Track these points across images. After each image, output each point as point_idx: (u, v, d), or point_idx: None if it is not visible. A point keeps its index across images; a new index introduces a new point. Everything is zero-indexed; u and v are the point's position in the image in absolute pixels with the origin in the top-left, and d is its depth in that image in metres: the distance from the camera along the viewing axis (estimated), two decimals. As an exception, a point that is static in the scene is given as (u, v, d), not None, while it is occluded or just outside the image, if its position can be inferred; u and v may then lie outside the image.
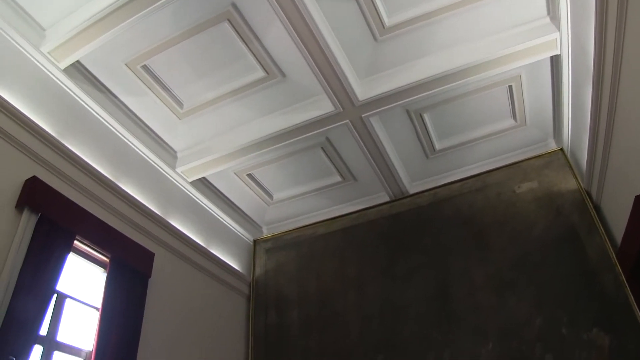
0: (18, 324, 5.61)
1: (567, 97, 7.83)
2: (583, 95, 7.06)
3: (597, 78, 6.23)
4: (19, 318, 5.74)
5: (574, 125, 8.02)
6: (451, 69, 7.55)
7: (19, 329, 5.64)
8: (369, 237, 10.00)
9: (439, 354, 8.42)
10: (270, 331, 10.02)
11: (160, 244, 8.31)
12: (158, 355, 7.70)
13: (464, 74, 7.62)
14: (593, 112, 6.74)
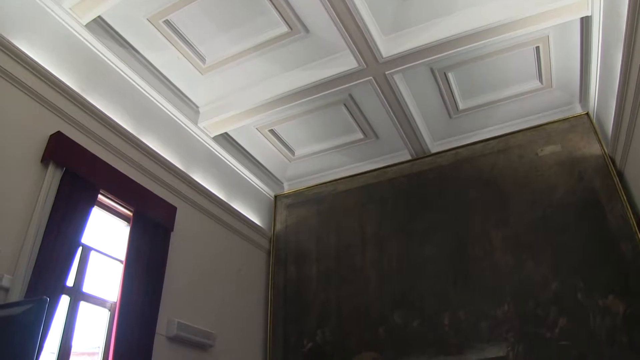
0: (46, 275, 5.81)
1: (595, 60, 7.62)
2: (613, 59, 6.87)
3: (628, 41, 6.04)
4: (46, 269, 5.94)
5: (602, 89, 7.83)
6: (478, 28, 7.39)
7: (47, 280, 5.84)
8: (389, 194, 10.03)
9: (455, 313, 8.53)
10: (290, 285, 10.22)
11: (182, 198, 8.44)
12: (180, 306, 7.92)
13: (491, 32, 7.45)
14: (622, 76, 6.55)
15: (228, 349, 8.67)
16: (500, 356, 7.96)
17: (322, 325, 9.67)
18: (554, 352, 7.63)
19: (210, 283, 8.72)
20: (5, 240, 5.50)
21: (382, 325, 9.15)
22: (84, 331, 6.86)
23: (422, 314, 8.84)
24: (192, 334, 7.95)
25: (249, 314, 9.69)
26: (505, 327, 8.05)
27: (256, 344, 9.75)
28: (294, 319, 9.92)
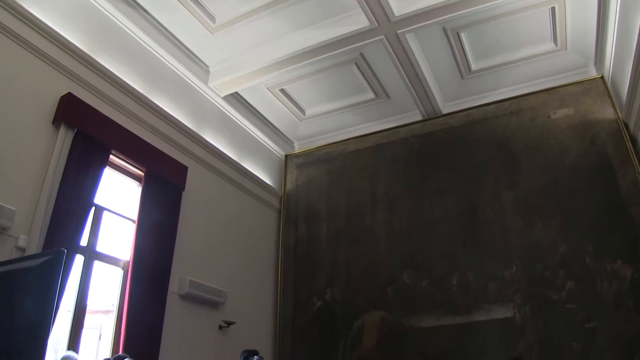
0: (60, 235, 5.91)
1: (613, 23, 7.44)
2: (631, 21, 6.71)
3: (649, 3, 5.91)
4: (61, 229, 6.04)
5: (618, 52, 7.68)
6: (492, -14, 7.26)
7: (61, 239, 5.93)
8: (400, 155, 10.02)
9: (464, 274, 8.62)
10: (300, 244, 10.33)
11: (193, 157, 8.48)
12: (192, 264, 8.04)
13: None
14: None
15: (239, 306, 8.83)
16: (508, 317, 8.07)
17: (332, 284, 9.80)
18: (560, 315, 7.72)
19: (222, 242, 8.83)
20: (20, 201, 5.58)
21: (391, 285, 9.26)
22: (99, 290, 7.00)
23: (431, 274, 8.94)
24: (204, 292, 8.09)
25: (259, 273, 9.83)
26: (513, 288, 8.14)
27: (267, 302, 9.92)
28: (304, 277, 10.05)
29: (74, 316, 6.45)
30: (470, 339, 8.26)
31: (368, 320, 9.32)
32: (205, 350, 7.82)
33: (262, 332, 9.60)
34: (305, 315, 9.83)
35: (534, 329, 7.85)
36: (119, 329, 6.88)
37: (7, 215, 5.32)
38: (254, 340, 8.87)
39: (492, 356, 8.01)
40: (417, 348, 8.44)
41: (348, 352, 9.29)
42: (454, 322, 8.49)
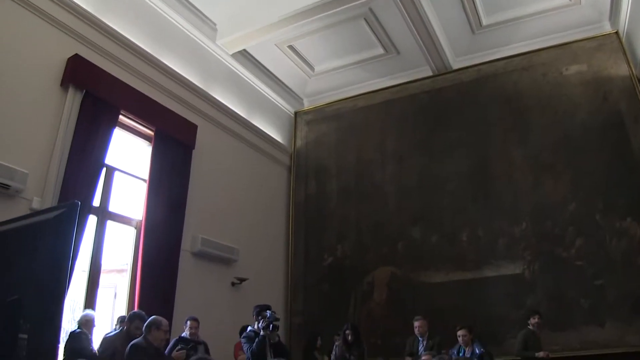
0: (73, 196, 5.95)
1: (629, -25, 7.26)
2: (650, -26, 6.53)
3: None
4: (73, 190, 6.10)
5: (634, 7, 7.48)
6: None
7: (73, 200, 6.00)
8: (410, 111, 9.95)
9: (473, 229, 8.67)
10: (310, 200, 10.39)
11: (203, 116, 8.47)
12: (204, 222, 8.13)
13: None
14: (659, -6, 6.26)
15: (251, 263, 8.95)
16: (516, 273, 8.16)
17: (342, 241, 9.90)
18: (569, 271, 7.79)
19: (233, 199, 8.89)
20: (32, 164, 5.64)
21: (400, 240, 9.35)
22: (113, 249, 7.10)
23: (440, 230, 9.00)
24: (216, 249, 8.21)
25: (271, 230, 9.92)
26: (522, 245, 8.21)
27: (278, 258, 10.05)
28: (315, 234, 10.15)
29: (89, 276, 6.57)
30: (480, 294, 8.37)
31: (378, 276, 9.45)
32: (218, 307, 7.96)
33: (274, 288, 9.75)
34: (316, 271, 9.97)
35: (543, 286, 7.95)
36: (134, 288, 7.01)
37: (20, 178, 5.39)
38: (266, 296, 9.00)
39: (501, 311, 8.12)
40: (426, 303, 8.52)
41: (359, 307, 9.45)
42: (463, 278, 8.59)
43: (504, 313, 8.12)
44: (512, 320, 7.99)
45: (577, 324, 7.62)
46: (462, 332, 6.92)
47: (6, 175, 5.27)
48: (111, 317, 7.01)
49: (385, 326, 9.03)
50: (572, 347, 7.57)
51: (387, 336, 8.91)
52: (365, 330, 9.04)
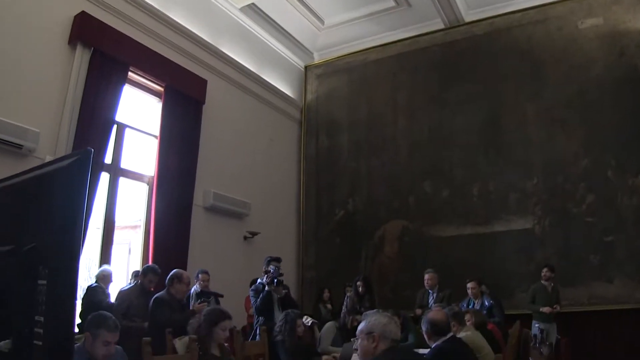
0: (84, 155, 6.01)
1: None
2: None
3: None
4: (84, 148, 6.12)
5: (654, -43, 7.24)
6: None
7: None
8: (422, 64, 9.80)
9: (485, 184, 8.66)
10: (321, 154, 10.39)
11: (212, 71, 8.41)
12: (215, 177, 8.19)
13: None
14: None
15: (263, 217, 9.04)
16: (527, 228, 8.18)
17: (353, 194, 9.93)
18: (579, 227, 7.80)
19: (244, 154, 8.91)
20: (43, 123, 5.67)
21: (411, 194, 9.37)
22: (126, 206, 7.18)
23: (451, 184, 9.00)
24: (228, 204, 8.29)
25: (282, 184, 9.98)
26: (533, 200, 8.20)
27: (290, 212, 10.14)
28: (326, 188, 10.18)
29: (104, 233, 6.69)
30: (490, 248, 8.43)
31: (389, 230, 9.52)
32: (230, 260, 8.08)
33: (286, 242, 9.87)
34: (327, 225, 10.05)
35: (553, 241, 7.97)
36: (147, 243, 7.14)
37: (32, 137, 5.44)
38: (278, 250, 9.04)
39: (511, 266, 8.19)
40: (437, 256, 8.60)
41: (370, 261, 9.56)
42: (473, 232, 8.63)
43: (513, 268, 8.18)
44: (521, 274, 8.07)
45: (586, 279, 7.68)
46: (471, 285, 7.02)
47: (18, 134, 5.33)
48: (126, 273, 7.15)
49: (396, 279, 9.15)
50: (580, 302, 7.66)
51: (398, 289, 9.03)
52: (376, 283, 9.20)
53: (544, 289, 7.25)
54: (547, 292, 7.23)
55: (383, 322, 2.69)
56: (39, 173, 1.20)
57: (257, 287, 6.06)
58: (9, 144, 5.27)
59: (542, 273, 7.27)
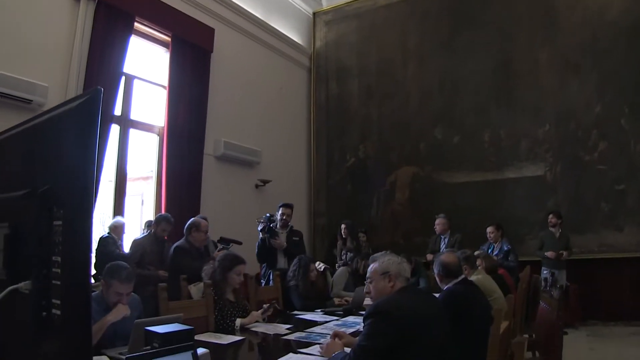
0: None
1: None
2: None
3: None
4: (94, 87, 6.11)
5: None
6: None
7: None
8: (432, 9, 9.58)
9: (495, 131, 8.60)
10: (332, 101, 10.32)
11: (219, 19, 8.27)
12: (226, 126, 8.18)
13: None
14: None
15: (274, 165, 9.08)
16: (538, 175, 8.17)
17: (364, 141, 9.92)
18: (591, 175, 7.78)
19: (254, 102, 8.86)
20: (51, 77, 5.66)
21: (422, 140, 9.34)
22: (137, 157, 7.22)
23: (462, 130, 8.95)
24: (239, 152, 8.31)
25: (292, 132, 9.96)
26: (545, 147, 8.16)
27: (300, 160, 10.16)
28: (337, 135, 10.16)
29: (116, 185, 6.75)
30: (500, 195, 8.46)
31: (400, 176, 9.54)
32: (242, 208, 8.15)
33: (297, 189, 9.92)
34: (338, 172, 10.09)
35: (564, 188, 7.97)
36: (160, 194, 7.20)
37: (41, 91, 5.44)
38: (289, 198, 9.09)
39: (521, 213, 8.23)
40: (448, 202, 8.65)
41: (381, 207, 9.63)
42: (484, 179, 8.64)
43: (524, 214, 8.23)
44: (532, 221, 8.12)
45: (596, 227, 7.72)
46: (490, 229, 7.15)
47: (27, 89, 5.34)
48: (139, 224, 7.22)
49: (407, 226, 9.23)
50: (590, 250, 7.74)
51: (409, 235, 9.15)
52: (388, 230, 9.30)
53: (552, 236, 7.31)
54: (554, 238, 7.29)
55: (397, 261, 2.73)
56: (50, 115, 1.21)
57: None
58: (18, 99, 5.28)
59: (549, 219, 7.33)
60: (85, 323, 1.07)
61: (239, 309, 4.04)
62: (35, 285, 1.11)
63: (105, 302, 3.15)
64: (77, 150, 1.08)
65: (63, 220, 1.08)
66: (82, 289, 1.08)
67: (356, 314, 4.56)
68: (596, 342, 6.68)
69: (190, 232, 5.32)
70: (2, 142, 1.37)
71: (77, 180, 1.07)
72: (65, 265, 1.08)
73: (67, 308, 1.06)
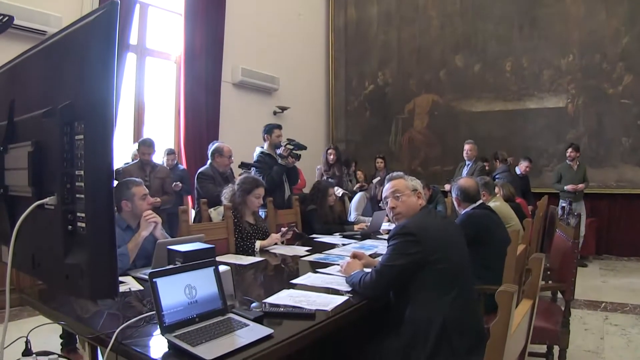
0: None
1: None
2: None
3: None
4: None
5: None
6: None
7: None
8: None
9: (518, 60, 8.41)
10: (350, 27, 10.08)
11: (235, -59, 8.01)
12: (243, 53, 8.09)
13: None
14: None
15: (292, 92, 9.01)
16: (559, 107, 8.04)
17: (383, 68, 9.77)
18: (614, 109, 7.63)
19: (271, 28, 8.68)
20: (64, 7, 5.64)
21: (442, 68, 9.18)
22: (155, 86, 7.19)
23: (483, 58, 8.76)
24: (257, 79, 8.26)
25: (310, 58, 9.81)
26: (568, 78, 7.97)
27: (319, 86, 10.06)
28: (355, 61, 10.00)
29: (135, 114, 6.78)
30: (520, 125, 8.38)
31: (419, 103, 9.46)
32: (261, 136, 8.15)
33: (316, 116, 9.90)
34: (357, 98, 10.01)
35: (585, 121, 7.86)
36: (178, 122, 7.24)
37: (55, 22, 5.43)
38: (308, 124, 9.20)
39: (540, 144, 8.18)
40: (467, 131, 8.59)
41: (399, 135, 9.60)
42: (504, 108, 8.54)
43: (543, 146, 8.18)
44: (550, 153, 8.08)
45: (615, 162, 7.67)
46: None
47: (41, 21, 5.34)
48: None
49: (425, 154, 9.23)
50: (608, 185, 7.72)
51: (427, 164, 9.18)
52: (406, 157, 9.31)
53: (570, 169, 7.30)
54: (572, 171, 7.28)
55: (419, 181, 2.79)
56: (68, 31, 1.23)
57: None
58: (32, 31, 5.28)
59: (567, 153, 7.29)
60: (109, 233, 1.12)
61: (259, 232, 4.11)
62: (60, 200, 1.16)
63: (125, 222, 3.22)
64: (96, 63, 1.09)
65: (85, 134, 1.10)
66: (106, 200, 1.12)
67: (374, 238, 4.62)
68: (609, 276, 6.79)
69: (214, 158, 5.37)
70: (21, 64, 1.39)
71: (97, 93, 1.09)
72: (88, 179, 1.11)
73: (92, 220, 1.11)
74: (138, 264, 3.12)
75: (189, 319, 1.87)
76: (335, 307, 2.25)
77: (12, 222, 1.30)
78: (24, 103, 1.35)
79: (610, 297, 5.58)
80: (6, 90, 1.45)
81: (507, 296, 1.44)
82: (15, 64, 1.40)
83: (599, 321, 4.77)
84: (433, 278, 2.31)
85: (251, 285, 2.96)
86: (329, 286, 2.64)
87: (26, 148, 1.26)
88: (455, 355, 2.22)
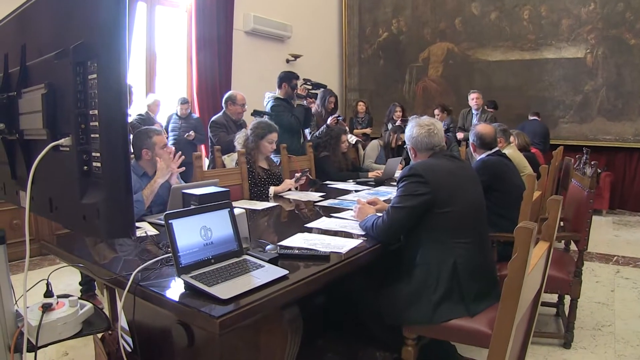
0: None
1: None
2: None
3: None
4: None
5: None
6: None
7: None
8: None
9: (536, 8, 8.19)
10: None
11: None
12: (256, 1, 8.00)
13: None
14: None
15: (305, 40, 8.89)
16: (578, 57, 7.85)
17: (397, 15, 9.58)
18: (635, 60, 7.44)
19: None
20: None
21: (458, 15, 8.99)
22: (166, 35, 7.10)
23: (501, 6, 8.54)
24: (269, 27, 8.15)
25: (323, 5, 9.64)
26: (588, 27, 7.76)
27: (332, 34, 9.91)
28: (369, 8, 9.81)
29: (147, 64, 6.72)
30: (537, 75, 8.23)
31: (434, 52, 9.32)
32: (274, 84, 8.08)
33: (329, 64, 9.79)
34: (371, 46, 9.87)
35: (604, 73, 7.68)
36: (191, 71, 7.18)
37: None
38: (321, 72, 9.09)
39: (558, 94, 8.04)
40: (483, 80, 8.49)
41: (414, 83, 9.49)
42: (521, 58, 8.38)
43: (560, 97, 8.05)
44: (567, 104, 7.96)
45: (634, 115, 7.53)
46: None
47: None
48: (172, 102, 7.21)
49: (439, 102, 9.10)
50: (624, 139, 7.62)
51: (442, 112, 9.07)
52: (420, 106, 9.24)
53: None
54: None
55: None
56: None
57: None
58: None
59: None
60: (125, 172, 1.12)
61: (272, 177, 4.15)
62: (75, 140, 1.15)
63: (142, 169, 3.28)
64: (109, 2, 1.08)
65: (98, 74, 1.09)
66: (121, 138, 1.11)
67: (388, 185, 4.65)
68: (621, 229, 6.78)
69: (227, 106, 5.37)
70: (30, 9, 1.37)
71: (109, 31, 1.07)
72: (102, 118, 1.11)
73: (107, 159, 1.11)
74: (154, 211, 3.16)
75: (204, 260, 1.90)
76: (350, 250, 2.27)
77: (28, 166, 1.30)
78: (35, 47, 1.32)
79: (622, 251, 5.60)
80: (17, 36, 1.43)
81: (526, 232, 1.43)
82: (24, 9, 1.37)
83: (610, 274, 4.80)
84: (443, 222, 2.33)
85: (265, 230, 2.98)
86: (343, 230, 2.67)
87: (40, 91, 1.24)
88: (465, 299, 2.26)
